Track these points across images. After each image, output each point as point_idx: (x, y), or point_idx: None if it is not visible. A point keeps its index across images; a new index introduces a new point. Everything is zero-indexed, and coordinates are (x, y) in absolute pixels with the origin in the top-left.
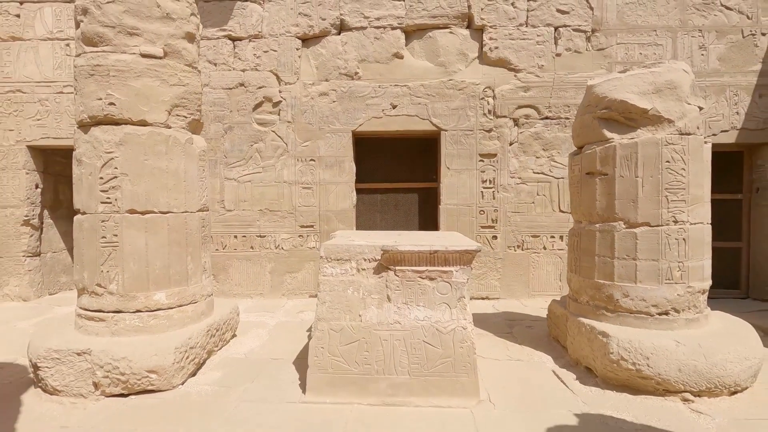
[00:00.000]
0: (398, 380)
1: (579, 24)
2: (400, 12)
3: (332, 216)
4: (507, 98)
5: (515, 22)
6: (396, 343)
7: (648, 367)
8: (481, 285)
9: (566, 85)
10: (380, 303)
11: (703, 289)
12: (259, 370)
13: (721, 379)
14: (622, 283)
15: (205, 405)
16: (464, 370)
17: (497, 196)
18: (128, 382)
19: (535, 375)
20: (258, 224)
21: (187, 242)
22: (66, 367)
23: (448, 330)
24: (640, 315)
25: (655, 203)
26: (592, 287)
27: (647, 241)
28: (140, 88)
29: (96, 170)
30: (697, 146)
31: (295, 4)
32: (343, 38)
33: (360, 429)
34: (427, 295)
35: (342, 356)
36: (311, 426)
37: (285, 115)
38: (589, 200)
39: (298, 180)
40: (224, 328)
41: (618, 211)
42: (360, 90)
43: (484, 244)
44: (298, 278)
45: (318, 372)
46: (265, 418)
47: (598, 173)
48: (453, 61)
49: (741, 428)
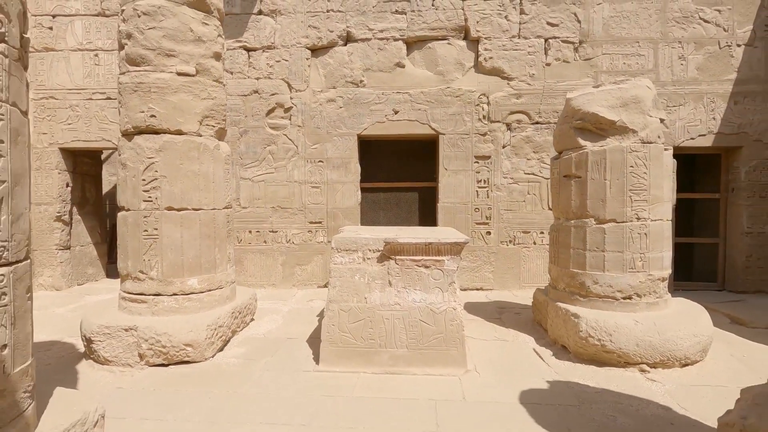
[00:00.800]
0: (398, 353)
1: (567, 36)
2: (401, 24)
3: (339, 213)
4: (500, 104)
5: (508, 34)
6: (396, 321)
7: (611, 342)
8: (476, 277)
9: (555, 92)
10: (383, 287)
11: (662, 277)
12: (277, 347)
13: (672, 352)
14: (592, 271)
15: (233, 373)
16: (454, 344)
17: (491, 195)
18: (168, 354)
19: (517, 352)
20: (270, 220)
21: (215, 235)
22: (115, 340)
23: (441, 310)
24: (607, 299)
25: (621, 202)
26: (567, 276)
27: (614, 235)
28: (176, 102)
29: (139, 173)
30: (658, 153)
31: (305, 17)
32: (349, 49)
33: (365, 392)
34: (423, 281)
35: (350, 332)
36: (325, 389)
37: (296, 119)
38: (566, 200)
39: (307, 180)
40: (245, 312)
41: (590, 209)
42: (365, 97)
43: (478, 240)
44: (308, 270)
45: (330, 346)
46: (286, 382)
47: (573, 176)
48: (451, 70)
49: (685, 392)
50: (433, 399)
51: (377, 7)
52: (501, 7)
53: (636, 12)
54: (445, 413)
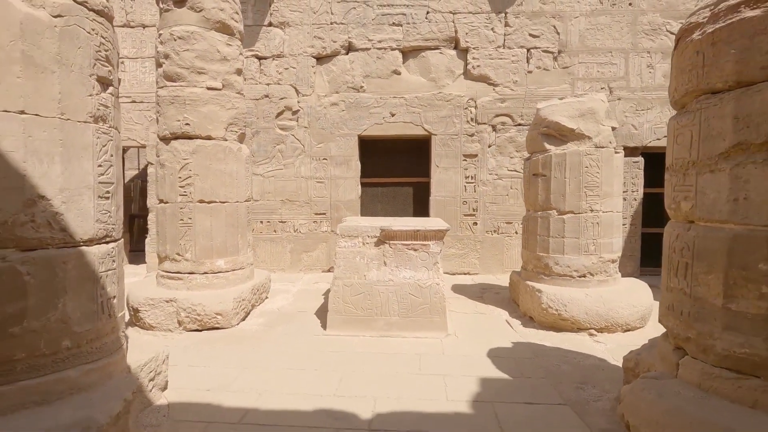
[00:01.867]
0: (391, 320)
1: (547, 46)
2: (398, 35)
3: (341, 205)
4: (486, 108)
5: (494, 45)
6: (390, 294)
7: (565, 311)
8: (464, 263)
9: (536, 97)
10: (379, 267)
11: (612, 259)
12: (290, 318)
13: (615, 320)
14: (554, 254)
15: (256, 336)
16: (437, 313)
17: (478, 190)
18: (202, 321)
19: (492, 322)
20: (280, 212)
21: (238, 224)
22: (158, 310)
23: (426, 285)
24: (566, 277)
25: (578, 197)
26: (535, 258)
27: (572, 224)
28: (206, 113)
29: (176, 171)
30: (609, 156)
31: (310, 29)
32: (351, 57)
33: (365, 349)
34: (412, 261)
35: (352, 303)
36: (331, 347)
37: (302, 121)
38: (534, 194)
39: (313, 175)
40: (262, 289)
41: (553, 202)
42: (364, 101)
43: (466, 230)
44: (313, 256)
45: (335, 314)
46: (300, 343)
47: (540, 174)
48: (442, 77)
49: (621, 350)
50: (418, 353)
51: (376, 20)
52: (488, 20)
53: (609, 25)
54: (427, 362)
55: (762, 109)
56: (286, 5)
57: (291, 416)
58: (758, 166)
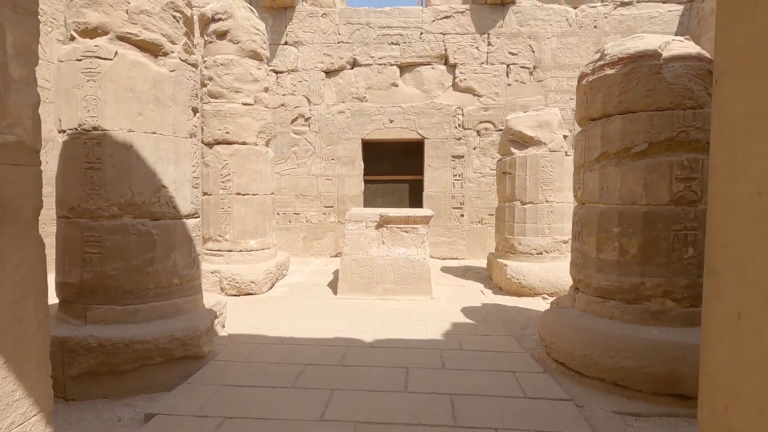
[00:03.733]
0: (388, 287)
1: (524, 63)
2: (396, 53)
3: (347, 199)
4: (472, 116)
5: (479, 61)
6: (387, 266)
7: (524, 280)
8: (452, 249)
9: (514, 106)
10: (378, 245)
11: (563, 240)
12: (307, 288)
13: (562, 286)
14: (518, 237)
15: (281, 300)
16: (424, 281)
17: (464, 186)
18: (239, 287)
19: (469, 292)
20: (294, 205)
21: (265, 212)
22: (205, 279)
23: (415, 260)
24: (527, 255)
25: (536, 191)
26: (504, 240)
27: (531, 212)
28: (242, 123)
29: (218, 170)
30: (560, 158)
31: (320, 47)
32: (355, 72)
33: (367, 307)
34: (404, 241)
35: (357, 274)
36: (341, 305)
37: (313, 127)
38: (503, 189)
39: (322, 173)
40: (283, 267)
41: (517, 195)
42: (367, 109)
43: (454, 221)
44: (323, 243)
45: (344, 282)
46: (315, 304)
47: (507, 173)
48: (434, 89)
49: None
50: (408, 310)
51: (377, 39)
52: (473, 40)
53: (577, 44)
54: (414, 314)
55: (615, 132)
56: (299, 27)
57: (316, 340)
58: (612, 167)
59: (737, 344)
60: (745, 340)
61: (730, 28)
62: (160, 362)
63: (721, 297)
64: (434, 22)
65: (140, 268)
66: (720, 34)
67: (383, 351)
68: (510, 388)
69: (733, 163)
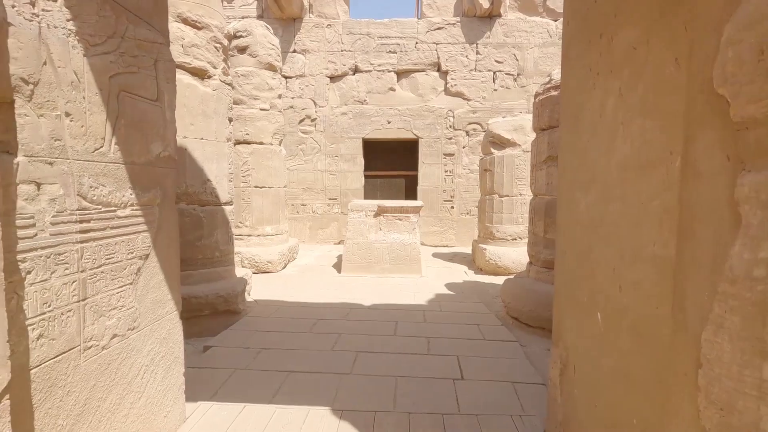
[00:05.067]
0: (384, 266)
1: (509, 70)
2: (393, 61)
3: (349, 192)
4: (462, 118)
5: (468, 68)
6: (383, 249)
7: (500, 261)
8: (443, 238)
9: (500, 109)
10: (376, 231)
11: None
12: (315, 268)
13: None
14: (496, 225)
15: (294, 277)
16: (414, 261)
17: (454, 181)
18: (258, 266)
19: (454, 271)
20: (301, 197)
21: (279, 203)
22: None
23: (408, 243)
24: (503, 240)
25: (511, 185)
26: (485, 228)
27: (508, 204)
28: (260, 126)
29: (239, 166)
30: None
31: (325, 55)
32: (357, 77)
33: (367, 282)
34: (398, 227)
35: (358, 255)
36: (344, 281)
37: (319, 127)
38: (485, 184)
39: (327, 169)
40: (293, 250)
41: (495, 189)
42: (367, 111)
43: (445, 212)
44: (327, 232)
45: (347, 263)
46: (323, 280)
47: (488, 170)
48: (427, 93)
49: None
50: (401, 284)
51: (376, 48)
52: (463, 49)
53: (557, 54)
54: (406, 288)
55: (556, 140)
56: (306, 36)
57: (325, 304)
58: (554, 168)
59: (573, 298)
60: (577, 295)
61: (566, 97)
62: (208, 314)
63: (564, 271)
64: (428, 32)
65: (192, 242)
66: (563, 107)
67: (379, 311)
68: (473, 334)
69: (569, 186)
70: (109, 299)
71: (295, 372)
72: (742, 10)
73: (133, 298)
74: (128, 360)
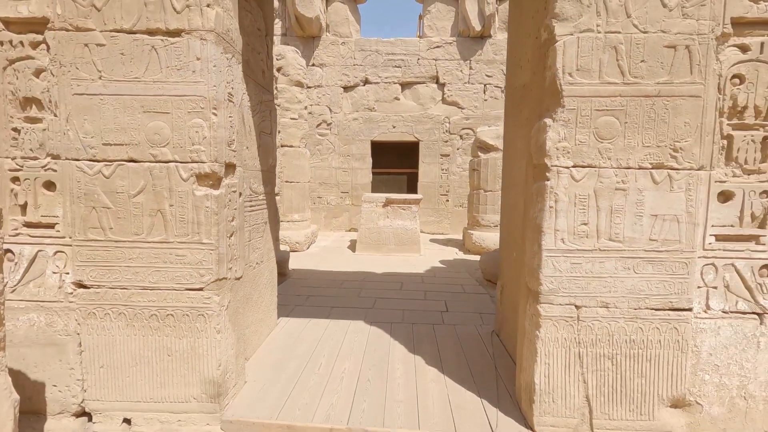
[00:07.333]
0: (391, 247)
1: (498, 83)
2: (398, 74)
3: (359, 187)
4: (456, 124)
5: (462, 81)
6: (390, 233)
7: (484, 243)
8: (440, 227)
9: (489, 117)
10: (384, 218)
11: None
12: (333, 249)
13: None
14: (482, 214)
15: (317, 255)
16: (415, 243)
17: (450, 178)
18: (289, 245)
19: (447, 252)
20: (318, 191)
21: (304, 195)
22: None
23: (409, 229)
24: (487, 226)
25: (495, 183)
26: (473, 217)
27: (491, 197)
28: (290, 132)
29: None
30: None
31: (340, 68)
32: (367, 88)
33: (376, 258)
34: (402, 216)
35: (369, 238)
36: (358, 257)
37: (333, 130)
38: (473, 181)
39: (340, 167)
40: (314, 234)
41: (482, 185)
42: (375, 117)
43: (442, 205)
44: (339, 220)
45: (361, 243)
46: (340, 258)
47: (476, 170)
48: (427, 102)
49: None
50: (404, 260)
51: (383, 63)
52: (458, 65)
53: None
54: (408, 262)
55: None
56: (323, 52)
57: (347, 272)
58: None
59: (506, 246)
60: (507, 243)
61: (505, 135)
62: None
63: (503, 232)
64: (428, 50)
65: None
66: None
67: (388, 276)
68: (457, 290)
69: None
70: (256, 243)
71: (336, 307)
72: (535, 127)
73: (261, 244)
74: (260, 278)
